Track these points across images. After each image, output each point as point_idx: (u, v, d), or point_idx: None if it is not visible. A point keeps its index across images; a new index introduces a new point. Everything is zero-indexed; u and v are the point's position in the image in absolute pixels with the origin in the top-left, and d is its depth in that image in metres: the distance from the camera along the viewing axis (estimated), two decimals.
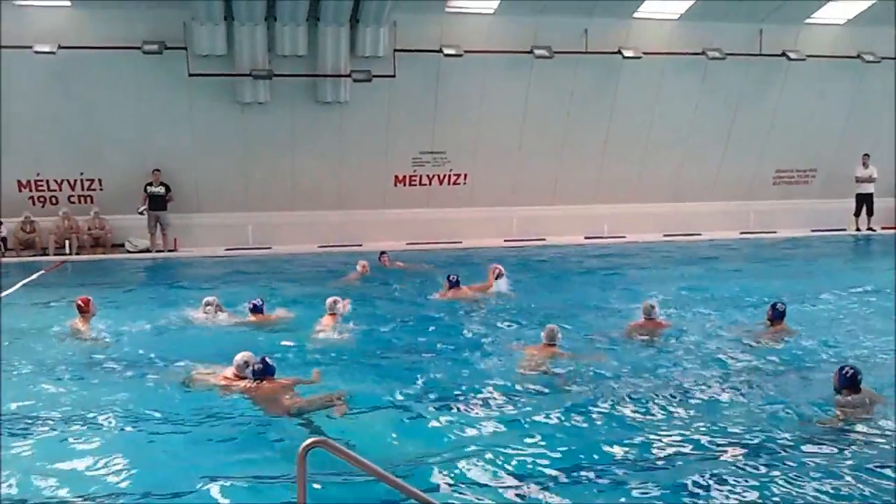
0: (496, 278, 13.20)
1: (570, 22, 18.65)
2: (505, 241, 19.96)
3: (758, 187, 21.92)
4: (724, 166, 21.36)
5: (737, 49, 19.58)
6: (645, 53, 19.19)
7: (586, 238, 20.29)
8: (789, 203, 21.95)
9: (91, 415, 7.46)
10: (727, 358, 9.31)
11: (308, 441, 3.58)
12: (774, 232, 21.16)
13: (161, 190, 18.06)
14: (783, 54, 19.90)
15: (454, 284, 12.77)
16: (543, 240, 20.05)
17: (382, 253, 16.35)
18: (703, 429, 7.05)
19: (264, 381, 7.75)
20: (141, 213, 18.08)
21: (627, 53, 19.10)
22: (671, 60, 19.67)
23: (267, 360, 7.87)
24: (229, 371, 8.10)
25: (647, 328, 10.30)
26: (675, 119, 20.41)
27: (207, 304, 11.29)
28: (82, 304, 10.67)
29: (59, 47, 16.64)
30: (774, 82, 20.53)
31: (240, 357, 8.04)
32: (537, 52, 18.63)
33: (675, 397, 7.87)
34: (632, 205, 20.95)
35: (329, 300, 11.17)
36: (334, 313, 11.01)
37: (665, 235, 20.56)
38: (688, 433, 6.97)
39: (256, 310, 11.11)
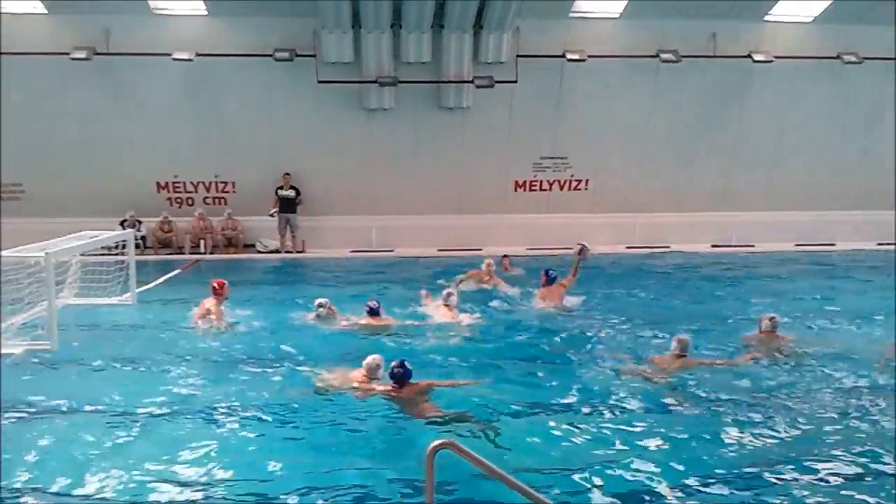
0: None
1: (698, 25, 18.24)
2: (627, 247, 19.65)
3: None
4: (862, 173, 20.28)
5: (875, 53, 18.61)
6: (776, 57, 18.52)
7: (713, 246, 19.73)
8: None
9: (218, 410, 7.75)
10: (850, 374, 8.87)
11: (436, 442, 3.63)
12: None
13: (291, 193, 18.71)
14: None
15: (551, 280, 12.79)
16: (668, 247, 19.62)
17: (504, 256, 16.38)
18: (821, 447, 6.82)
19: (404, 384, 7.83)
20: (272, 216, 18.77)
21: (758, 57, 18.48)
22: (804, 65, 18.89)
23: (406, 364, 7.90)
24: (358, 373, 8.22)
25: (765, 340, 9.95)
26: (809, 125, 19.64)
27: (319, 305, 11.49)
28: (217, 287, 11.25)
29: (196, 55, 17.48)
30: None
31: (371, 360, 8.18)
32: (663, 56, 18.28)
33: (794, 414, 7.59)
34: (762, 213, 20.26)
35: (444, 292, 11.62)
36: (448, 305, 11.40)
37: (797, 245, 19.74)
38: (808, 452, 6.73)
39: (373, 312, 11.16)
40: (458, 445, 3.63)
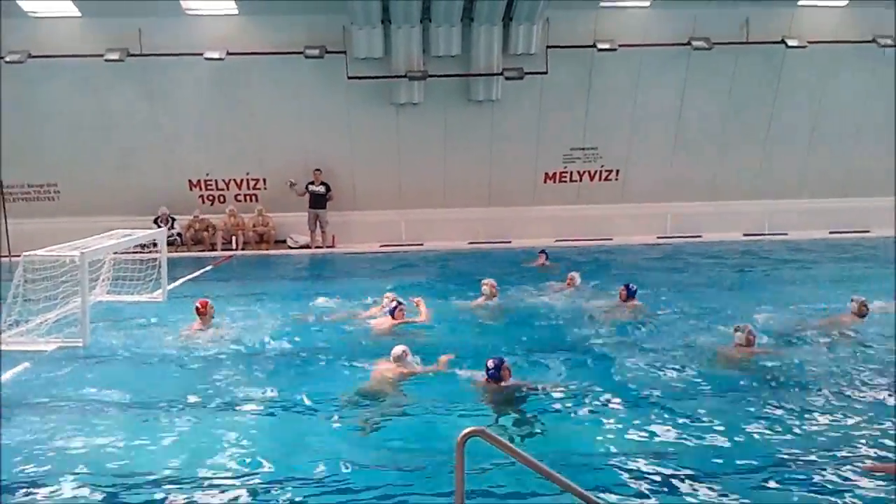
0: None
1: (730, 12, 18.05)
2: (658, 238, 19.54)
3: None
4: None
5: None
6: (810, 42, 18.27)
7: (745, 235, 19.57)
8: None
9: (248, 405, 7.82)
10: None
11: (466, 430, 3.62)
12: None
13: (321, 189, 18.72)
14: None
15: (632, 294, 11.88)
16: (699, 237, 19.47)
17: (542, 251, 16.22)
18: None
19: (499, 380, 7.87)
20: (292, 186, 18.46)
21: (792, 43, 18.25)
22: (839, 49, 18.60)
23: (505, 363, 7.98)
24: (387, 364, 8.45)
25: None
26: (844, 111, 19.34)
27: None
28: (200, 307, 10.86)
29: (228, 53, 17.51)
30: None
31: (395, 350, 8.48)
32: (695, 43, 18.11)
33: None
34: (795, 200, 20.03)
35: (484, 282, 11.98)
36: (485, 295, 11.83)
37: (831, 232, 19.53)
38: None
39: (393, 311, 10.81)
40: (489, 433, 3.63)
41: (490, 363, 7.92)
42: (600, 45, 17.99)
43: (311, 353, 9.69)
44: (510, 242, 19.15)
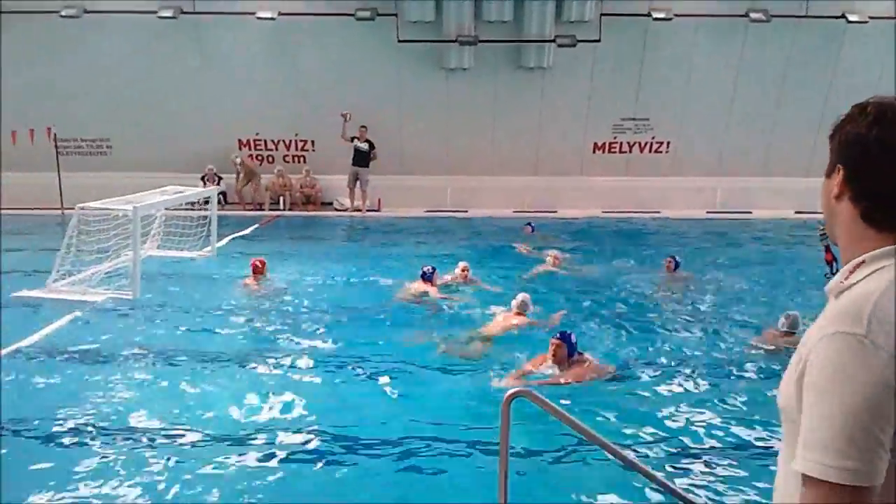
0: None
1: None
2: (707, 213, 19.23)
3: None
4: None
5: None
6: (871, 18, 17.73)
7: (796, 213, 19.13)
8: None
9: (299, 359, 7.98)
10: None
11: (512, 391, 3.62)
12: None
13: (365, 146, 18.53)
14: None
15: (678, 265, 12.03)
16: (750, 213, 19.13)
17: (528, 223, 16.21)
18: None
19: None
20: (345, 119, 18.10)
21: (852, 18, 17.73)
22: None
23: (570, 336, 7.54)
24: (510, 313, 9.06)
25: None
26: None
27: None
28: (258, 265, 11.24)
29: (279, 14, 17.56)
30: None
31: (521, 297, 9.12)
32: (753, 15, 17.68)
33: None
34: None
35: (550, 254, 12.35)
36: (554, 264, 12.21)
37: None
38: None
39: (426, 277, 10.76)
40: (534, 394, 3.59)
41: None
42: (655, 14, 17.65)
43: (365, 311, 9.88)
44: (556, 213, 19.00)
